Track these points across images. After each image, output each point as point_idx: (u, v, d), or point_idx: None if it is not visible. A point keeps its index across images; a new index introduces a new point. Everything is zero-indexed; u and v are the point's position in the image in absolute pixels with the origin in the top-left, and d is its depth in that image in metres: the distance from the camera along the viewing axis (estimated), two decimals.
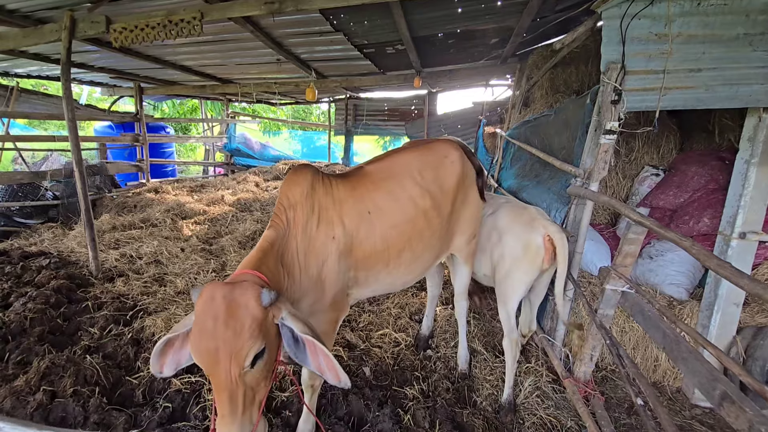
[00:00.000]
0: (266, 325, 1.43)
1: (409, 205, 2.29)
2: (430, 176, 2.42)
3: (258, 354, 1.38)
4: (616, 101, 2.66)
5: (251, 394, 1.42)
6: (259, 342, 1.38)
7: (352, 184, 2.24)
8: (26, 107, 6.78)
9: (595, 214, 4.47)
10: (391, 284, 2.42)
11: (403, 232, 2.26)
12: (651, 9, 2.54)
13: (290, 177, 2.19)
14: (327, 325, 2.14)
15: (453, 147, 2.61)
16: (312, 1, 3.19)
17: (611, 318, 2.49)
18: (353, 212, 2.15)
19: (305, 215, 2.03)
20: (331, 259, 2.06)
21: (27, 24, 3.99)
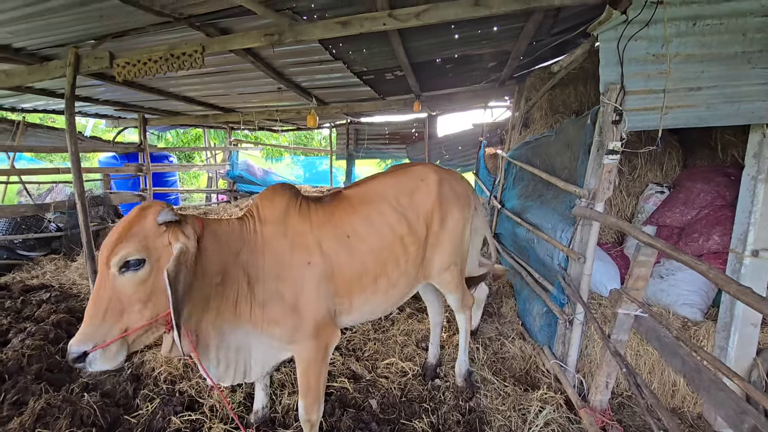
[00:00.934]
0: (153, 240, 1.53)
1: (386, 230, 2.28)
2: (406, 201, 2.41)
3: (130, 263, 1.47)
4: (617, 121, 2.65)
5: (117, 306, 1.46)
6: (133, 248, 1.47)
7: (330, 209, 2.23)
8: (33, 141, 6.88)
9: (601, 233, 4.40)
10: (371, 311, 2.38)
11: (380, 258, 2.24)
12: (647, 31, 2.56)
13: (267, 193, 2.18)
14: (315, 352, 2.09)
15: (431, 170, 2.61)
16: (310, 32, 3.25)
17: (625, 344, 2.40)
18: (332, 237, 2.13)
19: (278, 238, 2.01)
20: (309, 286, 2.02)
21: (33, 61, 4.08)
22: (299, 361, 2.12)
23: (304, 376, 2.12)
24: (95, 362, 1.44)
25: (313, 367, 2.11)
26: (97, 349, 1.42)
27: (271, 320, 1.98)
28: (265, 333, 2.02)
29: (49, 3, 2.87)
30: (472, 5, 2.90)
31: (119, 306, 1.47)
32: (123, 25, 3.43)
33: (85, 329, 1.43)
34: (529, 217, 4.23)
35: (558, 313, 3.17)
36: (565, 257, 3.18)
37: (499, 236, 5.72)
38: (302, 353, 2.09)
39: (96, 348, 1.42)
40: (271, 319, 1.98)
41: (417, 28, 3.47)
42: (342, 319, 2.28)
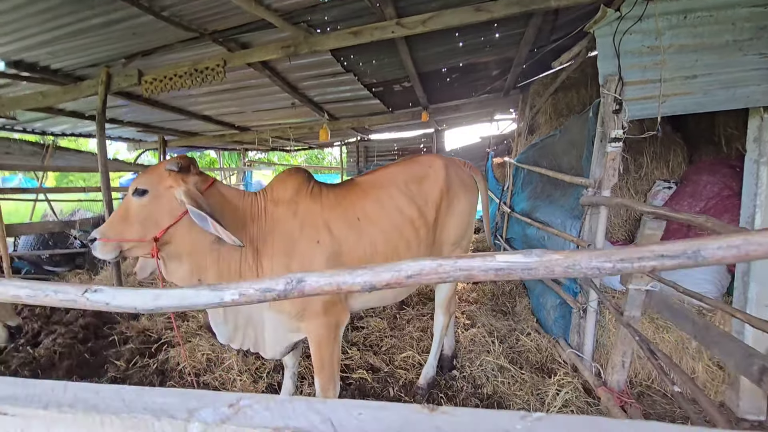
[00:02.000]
0: (157, 179, 1.92)
1: (395, 213, 2.37)
2: (415, 187, 2.52)
3: (139, 190, 1.90)
4: (617, 111, 2.78)
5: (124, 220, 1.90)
6: (143, 182, 1.92)
7: (342, 193, 2.35)
8: (61, 162, 7.24)
9: (612, 231, 4.46)
10: (381, 295, 2.45)
11: (390, 239, 2.32)
12: (640, 25, 2.72)
13: (281, 175, 2.33)
14: (325, 329, 2.17)
15: (437, 158, 2.76)
16: (324, 42, 3.49)
17: (638, 320, 2.45)
18: (342, 219, 2.23)
19: (288, 217, 2.14)
20: (318, 265, 2.11)
21: (67, 81, 4.40)
22: (311, 339, 2.20)
23: (317, 354, 2.19)
24: (95, 249, 1.89)
25: (325, 344, 2.18)
26: (101, 240, 1.88)
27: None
28: (273, 307, 2.12)
29: (89, 21, 3.16)
30: (474, 11, 3.11)
31: (125, 220, 1.91)
32: (153, 43, 3.72)
33: (103, 225, 1.94)
34: (539, 216, 4.32)
35: (572, 302, 3.22)
36: (576, 247, 3.26)
37: (510, 240, 5.79)
38: (313, 331, 2.17)
39: (101, 239, 1.88)
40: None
41: (423, 37, 3.70)
42: (352, 302, 2.35)
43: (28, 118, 6.05)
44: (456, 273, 0.78)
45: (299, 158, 16.50)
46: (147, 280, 2.57)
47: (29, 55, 3.82)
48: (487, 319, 3.93)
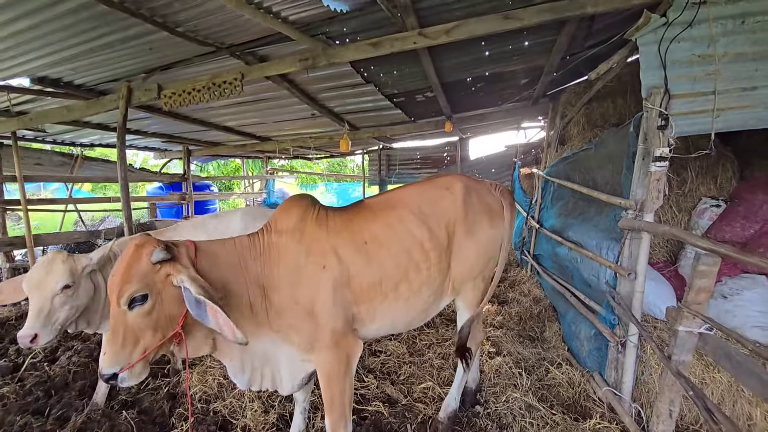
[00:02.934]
0: (151, 278, 1.66)
1: (405, 235, 2.24)
2: (429, 209, 2.37)
3: (137, 299, 1.63)
4: (663, 126, 2.51)
5: (133, 336, 1.65)
6: (135, 287, 1.62)
7: (349, 216, 2.25)
8: (88, 173, 7.42)
9: (651, 252, 4.11)
10: (392, 321, 2.30)
11: (399, 263, 2.20)
12: (690, 32, 2.45)
13: (284, 205, 2.23)
14: (336, 364, 2.04)
15: (456, 180, 2.56)
16: (343, 54, 3.35)
17: (689, 365, 2.16)
18: (349, 243, 2.13)
19: (293, 245, 2.05)
20: (324, 291, 2.02)
21: (90, 96, 4.44)
22: (321, 373, 2.07)
23: (327, 390, 2.07)
24: (125, 380, 1.66)
25: (336, 380, 2.05)
26: (124, 371, 1.64)
27: (288, 326, 2.00)
28: (285, 341, 2.03)
29: (106, 38, 3.14)
30: (503, 18, 2.89)
31: (135, 335, 1.66)
32: (170, 57, 3.68)
33: (110, 355, 1.63)
34: (571, 235, 4.02)
35: (608, 335, 2.93)
36: (613, 275, 2.97)
37: (538, 257, 5.48)
38: (323, 364, 2.05)
39: (123, 369, 1.64)
40: (289, 325, 2.00)
41: (447, 47, 3.50)
42: (364, 330, 2.22)
43: (58, 130, 6.20)
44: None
45: (321, 166, 16.54)
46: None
47: (53, 72, 3.86)
48: (513, 347, 3.67)
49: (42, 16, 2.79)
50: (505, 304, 4.81)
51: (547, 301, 4.73)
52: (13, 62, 3.51)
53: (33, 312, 2.25)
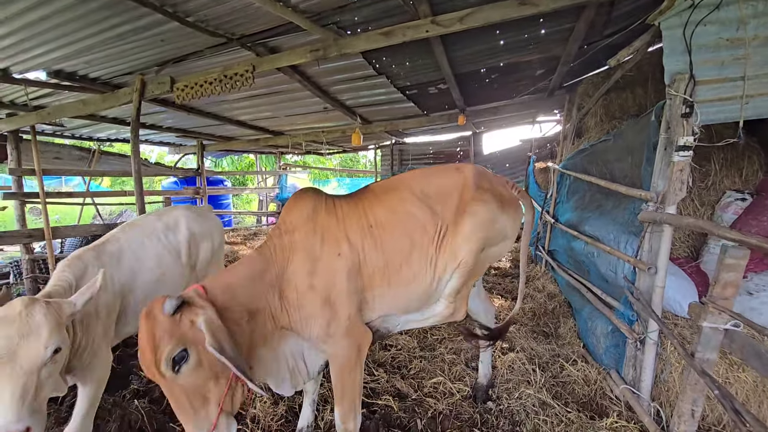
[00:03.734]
0: (178, 330, 1.52)
1: (406, 217, 2.20)
2: (433, 189, 2.32)
3: (178, 358, 1.49)
4: (687, 114, 2.39)
5: (198, 395, 1.53)
6: (170, 347, 1.48)
7: (354, 201, 2.24)
8: (105, 167, 7.54)
9: (672, 247, 3.91)
10: (396, 304, 2.26)
11: (402, 246, 2.16)
12: (717, 14, 2.33)
13: (290, 202, 2.22)
14: (349, 351, 2.04)
15: (470, 165, 2.52)
16: (354, 44, 3.30)
17: (713, 364, 2.06)
18: (356, 227, 2.12)
19: (307, 237, 2.04)
20: (340, 278, 2.01)
21: (105, 90, 4.49)
22: (333, 362, 2.07)
23: (339, 379, 2.06)
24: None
25: (347, 369, 2.04)
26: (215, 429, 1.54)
27: (307, 316, 1.99)
28: (304, 333, 2.02)
29: (117, 29, 3.15)
30: (518, 4, 2.81)
31: (199, 395, 1.54)
32: (182, 49, 3.68)
33: (190, 426, 1.52)
34: (587, 229, 3.91)
35: (626, 331, 2.83)
36: (632, 269, 2.87)
37: (553, 252, 5.37)
38: (337, 353, 2.04)
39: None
40: (308, 315, 1.99)
41: (460, 36, 3.43)
42: (370, 314, 2.21)
43: (76, 124, 6.31)
44: None
45: (334, 161, 16.55)
46: None
47: (68, 65, 3.90)
48: (527, 342, 3.59)
49: (53, 7, 2.81)
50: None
51: (561, 296, 4.62)
52: (28, 54, 3.55)
53: (14, 395, 1.59)
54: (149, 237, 2.86)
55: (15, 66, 3.80)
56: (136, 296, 2.66)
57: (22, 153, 5.52)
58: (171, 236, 2.98)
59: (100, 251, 2.55)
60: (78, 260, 2.40)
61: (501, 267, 6.32)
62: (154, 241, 2.86)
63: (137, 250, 2.74)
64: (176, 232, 3.02)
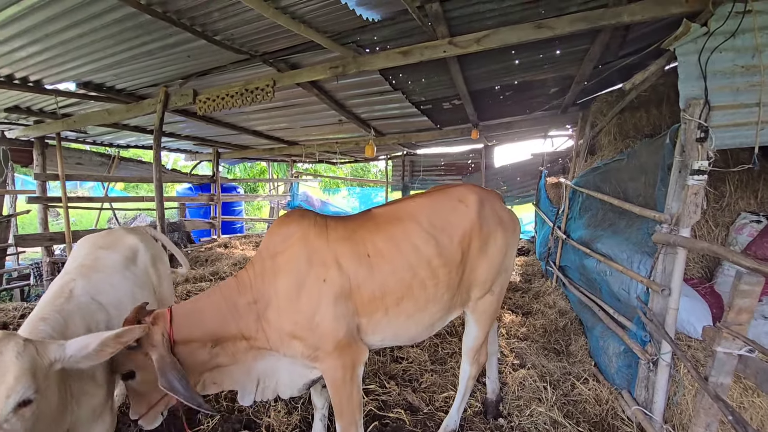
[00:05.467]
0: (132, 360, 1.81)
1: (410, 251, 2.14)
2: (439, 222, 2.26)
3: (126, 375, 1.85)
4: (702, 139, 2.42)
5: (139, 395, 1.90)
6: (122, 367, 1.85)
7: (353, 227, 2.18)
8: (124, 173, 7.74)
9: (686, 267, 3.94)
10: (394, 335, 2.25)
11: (403, 279, 2.11)
12: (733, 41, 2.37)
13: (275, 226, 2.19)
14: (341, 370, 2.04)
15: (470, 191, 2.43)
16: (373, 62, 3.39)
17: (727, 388, 2.06)
18: (351, 254, 2.07)
19: (291, 260, 2.01)
20: (325, 303, 1.98)
21: (130, 100, 4.66)
22: (327, 382, 2.08)
23: (335, 396, 2.07)
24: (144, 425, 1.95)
25: (342, 387, 2.04)
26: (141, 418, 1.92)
27: (291, 337, 2.00)
28: (287, 353, 2.05)
29: (147, 46, 3.29)
30: (535, 28, 2.88)
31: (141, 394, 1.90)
32: (206, 65, 3.82)
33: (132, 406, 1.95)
34: (600, 247, 3.92)
35: (639, 352, 2.83)
36: (645, 290, 2.88)
37: (564, 268, 5.36)
38: (328, 373, 2.05)
39: (140, 417, 1.92)
40: (291, 335, 1.99)
41: (476, 55, 3.50)
42: (370, 338, 2.20)
43: (98, 132, 6.51)
44: None
45: (344, 170, 16.70)
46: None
47: (97, 77, 4.07)
48: (538, 359, 3.59)
49: (90, 26, 2.96)
50: (530, 316, 4.72)
51: (573, 313, 4.61)
52: (62, 68, 3.72)
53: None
54: (114, 276, 2.35)
55: (48, 78, 3.97)
56: None
57: (47, 158, 5.71)
58: (135, 269, 2.54)
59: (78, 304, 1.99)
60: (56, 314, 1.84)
61: (511, 281, 6.31)
62: (121, 281, 2.37)
63: (110, 294, 2.23)
64: (137, 262, 2.60)
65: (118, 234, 2.73)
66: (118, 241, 2.62)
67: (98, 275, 2.27)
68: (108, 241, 2.57)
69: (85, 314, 1.97)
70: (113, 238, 2.64)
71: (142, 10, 2.68)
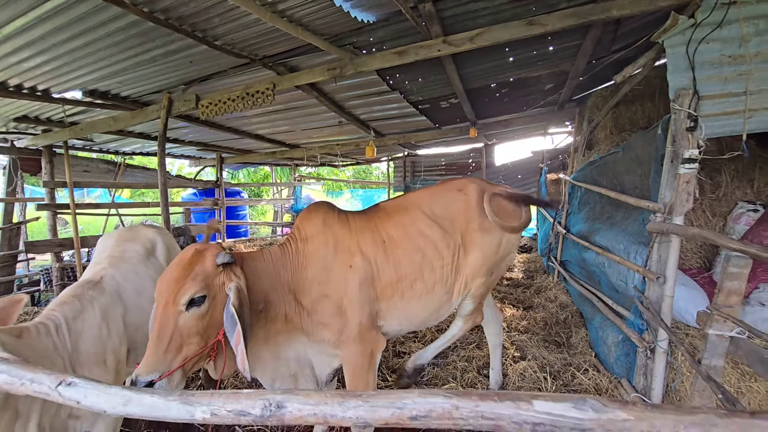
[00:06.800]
0: (212, 281, 1.68)
1: (417, 235, 2.31)
2: (441, 210, 2.43)
3: (195, 300, 1.62)
4: (692, 128, 2.48)
5: (178, 340, 1.60)
6: (197, 288, 1.62)
7: (367, 217, 2.36)
8: (129, 179, 7.87)
9: (684, 257, 4.00)
10: (408, 320, 2.36)
11: (414, 261, 2.27)
12: (720, 32, 2.43)
13: (305, 212, 2.33)
14: (361, 357, 2.13)
15: (470, 181, 2.60)
16: (369, 63, 3.47)
17: (720, 370, 2.11)
18: (370, 241, 2.22)
19: (320, 247, 2.14)
20: (352, 288, 2.10)
21: (134, 107, 4.77)
22: (346, 367, 2.16)
23: (352, 383, 2.15)
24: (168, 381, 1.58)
25: (360, 374, 2.13)
26: (162, 378, 1.54)
27: (319, 323, 2.09)
28: (315, 339, 2.12)
29: (151, 53, 3.39)
30: (526, 24, 2.94)
31: (180, 339, 1.60)
32: (208, 70, 3.92)
33: (150, 360, 1.55)
34: (598, 240, 3.97)
35: (637, 341, 2.88)
36: (642, 279, 2.93)
37: (565, 263, 5.40)
38: (349, 358, 2.13)
39: (162, 377, 1.54)
40: (319, 323, 2.09)
41: (471, 53, 3.57)
42: (385, 325, 2.30)
43: (104, 139, 6.64)
44: (476, 421, 0.63)
45: (347, 173, 16.81)
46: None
47: (102, 85, 4.18)
48: (538, 351, 3.64)
49: (95, 35, 3.06)
50: (531, 309, 4.76)
51: (573, 306, 4.65)
52: (69, 77, 3.83)
53: None
54: (138, 266, 2.58)
55: (55, 87, 4.08)
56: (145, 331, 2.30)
57: (54, 167, 5.84)
58: (154, 260, 2.75)
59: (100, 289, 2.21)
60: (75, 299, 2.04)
61: (513, 278, 6.36)
62: (144, 270, 2.60)
63: (135, 283, 2.45)
64: (156, 254, 2.81)
65: (138, 228, 2.99)
66: (139, 234, 2.88)
67: (125, 265, 2.52)
68: (131, 235, 2.84)
69: (103, 304, 2.15)
70: (135, 232, 2.91)
71: (145, 17, 2.77)
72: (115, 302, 2.24)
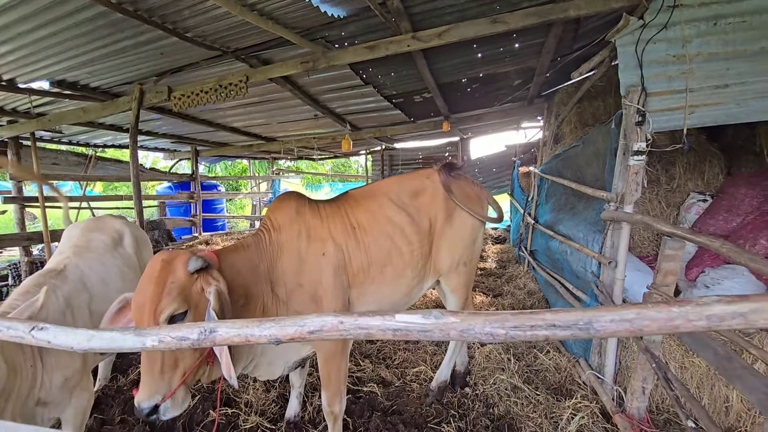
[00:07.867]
0: (189, 291, 1.57)
1: (385, 221, 2.41)
2: (407, 197, 2.55)
3: (177, 316, 1.51)
4: (640, 122, 2.66)
5: (172, 357, 1.51)
6: (175, 305, 1.50)
7: (336, 204, 2.42)
8: (101, 172, 7.70)
9: (641, 245, 4.26)
10: (379, 304, 2.43)
11: (383, 246, 2.35)
12: (665, 33, 2.61)
13: (276, 202, 2.35)
14: (334, 344, 2.20)
15: (434, 170, 2.74)
16: (341, 57, 3.55)
17: (659, 344, 2.31)
18: (340, 228, 2.29)
19: (293, 237, 2.16)
20: (326, 276, 2.15)
21: (105, 98, 4.70)
22: (320, 354, 2.23)
23: (325, 368, 2.23)
24: (168, 411, 1.51)
25: (333, 359, 2.21)
26: (166, 399, 1.48)
27: (294, 312, 2.11)
28: None
29: (121, 44, 3.37)
30: (491, 22, 3.07)
31: (173, 356, 1.52)
32: (179, 61, 3.91)
33: (149, 384, 1.47)
34: (562, 229, 4.18)
35: None
36: (597, 264, 3.13)
37: (534, 253, 5.63)
38: (322, 344, 2.20)
39: (165, 398, 1.48)
40: (295, 312, 2.11)
41: (440, 49, 3.69)
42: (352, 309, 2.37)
43: (74, 131, 6.49)
44: (356, 331, 0.82)
45: (326, 167, 16.79)
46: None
47: (71, 75, 4.11)
48: None
49: (63, 24, 3.02)
50: (500, 297, 4.97)
51: (540, 294, 4.87)
52: (35, 66, 3.76)
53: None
54: (104, 256, 2.58)
55: (21, 76, 3.99)
56: None
57: (22, 159, 5.69)
58: (122, 251, 2.75)
59: (63, 278, 2.22)
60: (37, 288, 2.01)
61: (486, 267, 6.56)
62: (111, 260, 2.61)
63: (100, 272, 2.46)
64: (124, 244, 2.81)
65: (105, 219, 2.95)
66: (106, 224, 2.84)
67: (90, 254, 2.49)
68: (97, 225, 2.80)
69: (66, 292, 2.16)
70: (101, 222, 2.87)
71: (113, 8, 2.77)
72: (79, 290, 2.24)
